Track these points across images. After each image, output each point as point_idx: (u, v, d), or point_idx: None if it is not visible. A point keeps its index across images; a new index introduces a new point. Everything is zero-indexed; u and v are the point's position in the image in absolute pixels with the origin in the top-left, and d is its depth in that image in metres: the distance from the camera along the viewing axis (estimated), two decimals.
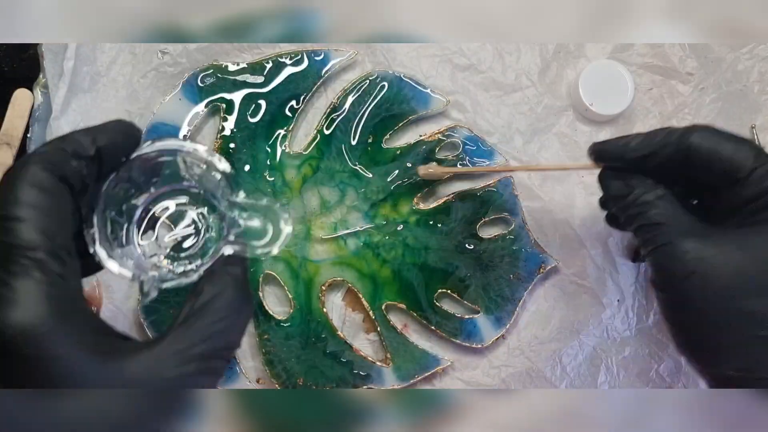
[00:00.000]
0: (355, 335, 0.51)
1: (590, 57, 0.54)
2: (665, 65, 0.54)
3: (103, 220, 0.33)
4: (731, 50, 0.55)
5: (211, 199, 0.36)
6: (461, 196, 0.51)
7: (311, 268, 0.50)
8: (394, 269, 0.50)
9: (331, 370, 0.49)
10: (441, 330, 0.50)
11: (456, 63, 0.53)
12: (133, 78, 0.51)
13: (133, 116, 0.50)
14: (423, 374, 0.49)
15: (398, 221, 0.51)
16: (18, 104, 0.47)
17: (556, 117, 0.53)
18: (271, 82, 0.51)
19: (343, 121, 0.51)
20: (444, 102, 0.52)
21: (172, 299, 0.49)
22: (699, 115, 0.54)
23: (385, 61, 0.53)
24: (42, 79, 0.48)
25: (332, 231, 0.51)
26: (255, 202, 0.34)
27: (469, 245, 0.51)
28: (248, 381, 0.50)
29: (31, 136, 0.48)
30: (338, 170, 0.51)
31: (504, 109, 0.53)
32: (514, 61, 0.54)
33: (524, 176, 0.52)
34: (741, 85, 0.55)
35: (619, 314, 0.52)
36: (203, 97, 0.51)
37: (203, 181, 0.35)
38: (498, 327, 0.50)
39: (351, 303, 0.51)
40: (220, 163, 0.34)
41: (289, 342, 0.49)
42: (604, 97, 0.52)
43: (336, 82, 0.53)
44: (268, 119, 0.51)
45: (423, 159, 0.51)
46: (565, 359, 0.51)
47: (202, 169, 0.35)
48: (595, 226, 0.52)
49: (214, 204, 0.36)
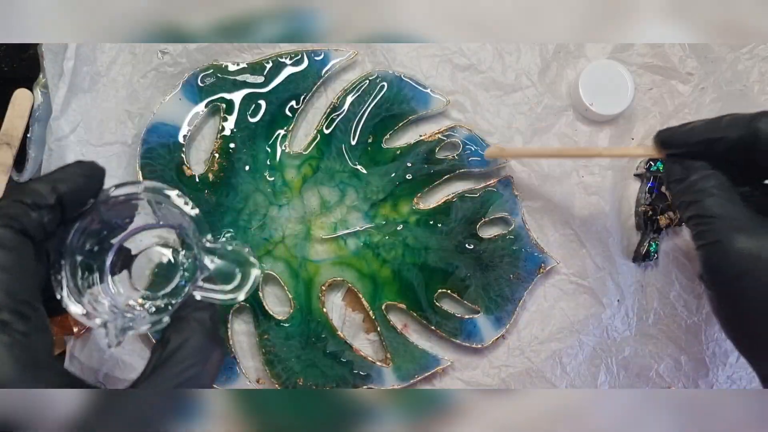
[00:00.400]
0: (355, 335, 0.51)
1: (590, 57, 0.54)
2: (665, 65, 0.54)
3: (72, 263, 0.32)
4: (731, 50, 0.55)
5: (186, 238, 0.35)
6: (461, 196, 0.51)
7: (311, 268, 0.50)
8: (394, 269, 0.50)
9: (331, 370, 0.49)
10: (441, 330, 0.50)
11: (456, 63, 0.53)
12: (133, 78, 0.51)
13: (133, 116, 0.50)
14: (423, 374, 0.49)
15: (398, 221, 0.51)
16: (18, 104, 0.47)
17: (556, 117, 0.53)
18: (271, 82, 0.51)
19: (343, 121, 0.51)
20: (444, 102, 0.52)
21: None
22: (699, 115, 0.54)
23: (385, 61, 0.53)
24: (42, 79, 0.48)
25: (332, 231, 0.51)
26: (222, 246, 0.33)
27: (469, 245, 0.51)
28: (248, 381, 0.50)
29: (31, 136, 0.48)
30: (338, 170, 0.51)
31: (504, 109, 0.53)
32: (514, 61, 0.54)
33: (524, 176, 0.52)
34: (741, 85, 0.55)
35: (619, 314, 0.52)
36: (203, 97, 0.51)
37: (175, 220, 0.35)
38: (498, 327, 0.50)
39: (351, 303, 0.51)
40: (187, 207, 0.33)
41: (289, 342, 0.49)
42: (604, 97, 0.52)
43: (336, 82, 0.53)
44: (268, 119, 0.51)
45: (423, 159, 0.51)
46: (565, 359, 0.51)
47: (173, 210, 0.34)
48: (595, 226, 0.52)
49: (189, 243, 0.35)
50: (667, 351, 0.52)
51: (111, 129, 0.50)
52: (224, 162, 0.50)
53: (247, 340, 0.51)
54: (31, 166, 0.48)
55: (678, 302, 0.53)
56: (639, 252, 0.53)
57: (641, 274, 0.53)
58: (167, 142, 0.50)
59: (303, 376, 0.49)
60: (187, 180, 0.50)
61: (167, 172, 0.50)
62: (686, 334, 0.52)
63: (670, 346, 0.52)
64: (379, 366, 0.49)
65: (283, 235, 0.50)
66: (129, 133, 0.50)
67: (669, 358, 0.52)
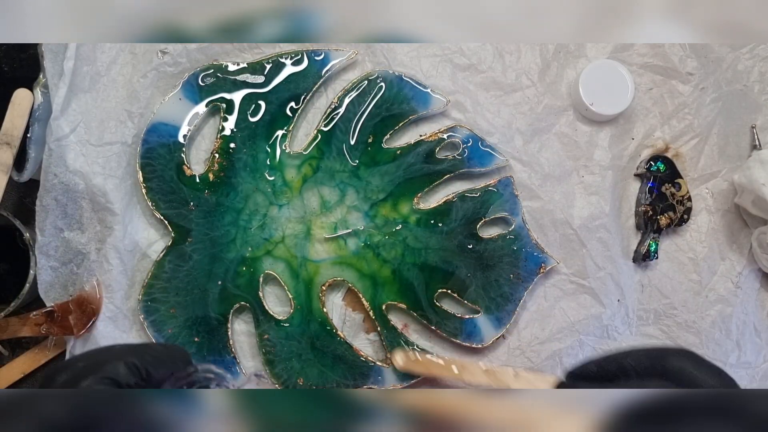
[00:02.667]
0: (355, 335, 0.51)
1: (590, 57, 0.54)
2: (665, 65, 0.54)
3: None
4: (731, 50, 0.55)
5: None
6: (461, 196, 0.51)
7: (311, 268, 0.50)
8: (394, 269, 0.50)
9: (331, 370, 0.49)
10: (441, 330, 0.50)
11: (456, 63, 0.53)
12: (133, 78, 0.51)
13: (133, 116, 0.50)
14: (423, 374, 0.49)
15: (398, 221, 0.51)
16: (18, 104, 0.47)
17: (556, 117, 0.53)
18: (271, 82, 0.51)
19: (344, 120, 0.51)
20: (444, 102, 0.52)
21: (172, 299, 0.49)
22: (699, 114, 0.54)
23: (385, 61, 0.53)
24: (42, 79, 0.48)
25: (332, 231, 0.51)
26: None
27: (469, 245, 0.51)
28: (248, 380, 0.50)
29: (31, 136, 0.48)
30: (338, 170, 0.51)
31: (504, 109, 0.53)
32: (514, 61, 0.54)
33: (524, 176, 0.52)
34: (741, 85, 0.55)
35: (619, 314, 0.52)
36: (203, 97, 0.51)
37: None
38: (498, 327, 0.50)
39: (351, 303, 0.51)
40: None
41: (289, 342, 0.49)
42: (604, 96, 0.52)
43: (336, 82, 0.53)
44: (268, 119, 0.51)
45: (423, 159, 0.51)
46: (566, 359, 0.51)
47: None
48: (595, 226, 0.52)
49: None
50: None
51: (111, 129, 0.50)
52: (224, 162, 0.50)
53: (247, 340, 0.51)
54: (31, 166, 0.48)
55: (678, 302, 0.53)
56: (639, 252, 0.53)
57: (641, 274, 0.53)
58: (167, 142, 0.50)
59: (303, 376, 0.49)
60: (187, 180, 0.50)
61: (167, 172, 0.50)
62: (686, 334, 0.52)
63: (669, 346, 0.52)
64: (379, 366, 0.49)
65: (283, 235, 0.50)
66: (129, 133, 0.50)
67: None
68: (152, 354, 0.34)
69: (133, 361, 0.32)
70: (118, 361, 0.32)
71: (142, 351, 0.34)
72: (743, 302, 0.53)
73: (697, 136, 0.54)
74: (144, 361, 0.33)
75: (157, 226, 0.51)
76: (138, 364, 0.33)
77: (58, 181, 0.48)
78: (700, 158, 0.54)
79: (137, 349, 0.34)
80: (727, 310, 0.53)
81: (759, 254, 0.52)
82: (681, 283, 0.53)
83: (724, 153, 0.54)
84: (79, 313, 0.48)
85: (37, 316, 0.48)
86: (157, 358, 0.34)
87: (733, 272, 0.54)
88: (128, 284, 0.50)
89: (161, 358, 0.34)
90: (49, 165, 0.48)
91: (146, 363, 0.33)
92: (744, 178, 0.51)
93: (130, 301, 0.50)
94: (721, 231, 0.54)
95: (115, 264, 0.49)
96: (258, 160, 0.51)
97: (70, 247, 0.49)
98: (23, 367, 0.52)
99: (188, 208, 0.50)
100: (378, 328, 0.50)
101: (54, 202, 0.48)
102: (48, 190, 0.48)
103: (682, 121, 0.54)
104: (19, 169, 0.48)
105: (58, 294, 0.49)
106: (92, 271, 0.49)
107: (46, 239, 0.48)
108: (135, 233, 0.50)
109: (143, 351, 0.34)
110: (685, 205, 0.53)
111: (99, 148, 0.50)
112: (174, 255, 0.49)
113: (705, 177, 0.54)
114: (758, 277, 0.54)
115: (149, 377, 0.33)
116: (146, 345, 0.36)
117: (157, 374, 0.34)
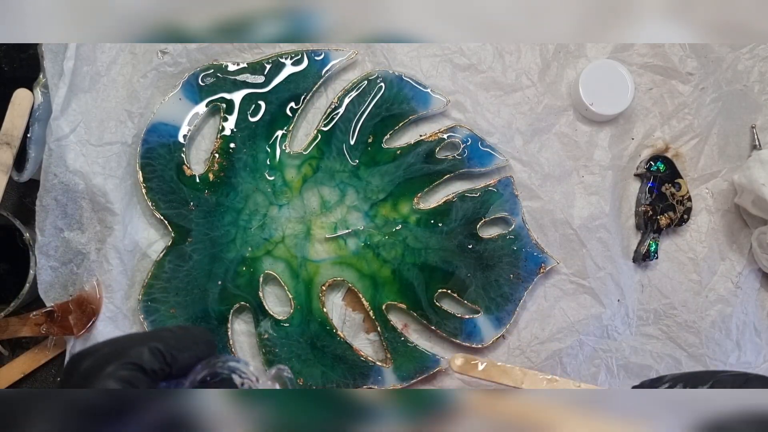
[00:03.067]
0: (355, 335, 0.51)
1: (590, 57, 0.54)
2: (665, 65, 0.54)
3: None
4: (731, 50, 0.55)
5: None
6: (461, 196, 0.51)
7: (311, 268, 0.50)
8: (394, 269, 0.50)
9: (332, 370, 0.49)
10: (441, 330, 0.50)
11: (456, 63, 0.53)
12: (133, 78, 0.51)
13: (133, 116, 0.50)
14: (423, 374, 0.49)
15: (398, 221, 0.51)
16: (18, 104, 0.47)
17: (556, 117, 0.53)
18: (271, 82, 0.51)
19: (343, 120, 0.51)
20: (444, 102, 0.52)
21: (172, 299, 0.49)
22: (699, 114, 0.54)
23: (385, 61, 0.53)
24: (42, 79, 0.48)
25: (332, 231, 0.51)
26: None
27: (469, 245, 0.51)
28: None
29: (31, 136, 0.48)
30: (338, 170, 0.51)
31: (504, 109, 0.53)
32: (514, 61, 0.54)
33: (524, 176, 0.52)
34: (741, 85, 0.55)
35: (619, 314, 0.52)
36: (203, 97, 0.51)
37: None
38: (498, 327, 0.50)
39: (351, 303, 0.51)
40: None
41: (289, 342, 0.49)
42: (604, 96, 0.52)
43: (336, 82, 0.53)
44: (268, 119, 0.51)
45: (423, 159, 0.51)
46: (566, 359, 0.51)
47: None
48: (595, 226, 0.52)
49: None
50: (667, 351, 0.52)
51: (111, 129, 0.50)
52: (224, 162, 0.50)
53: (247, 340, 0.51)
54: (31, 166, 0.48)
55: (678, 302, 0.53)
56: (639, 252, 0.53)
57: (641, 274, 0.53)
58: (167, 142, 0.50)
59: (303, 376, 0.49)
60: (187, 180, 0.50)
61: (167, 172, 0.50)
62: (686, 334, 0.52)
63: (670, 346, 0.52)
64: (379, 366, 0.49)
65: (283, 235, 0.50)
66: (129, 133, 0.50)
67: (669, 358, 0.52)
68: (175, 338, 0.34)
69: (157, 346, 0.32)
70: (141, 346, 0.32)
71: (166, 336, 0.34)
72: (743, 302, 0.53)
73: (697, 136, 0.54)
74: (168, 345, 0.33)
75: (157, 226, 0.51)
76: (162, 348, 0.32)
77: (58, 181, 0.48)
78: (700, 158, 0.54)
79: (161, 334, 0.34)
80: (727, 310, 0.53)
81: (759, 254, 0.52)
82: (681, 283, 0.53)
83: (724, 153, 0.54)
84: (79, 313, 0.48)
85: (37, 316, 0.48)
86: (181, 342, 0.34)
87: (733, 272, 0.54)
88: (128, 284, 0.50)
89: (185, 343, 0.34)
90: (49, 165, 0.48)
91: (170, 347, 0.33)
92: (744, 178, 0.51)
93: (130, 301, 0.50)
94: (721, 231, 0.54)
95: (115, 264, 0.49)
96: (258, 160, 0.51)
97: (70, 247, 0.49)
98: (23, 367, 0.52)
99: (188, 208, 0.50)
100: (378, 328, 0.50)
101: (54, 202, 0.48)
102: (48, 190, 0.48)
103: (682, 121, 0.54)
104: (19, 169, 0.48)
105: (58, 294, 0.49)
106: (92, 271, 0.49)
107: (46, 239, 0.48)
108: (135, 233, 0.50)
109: (167, 336, 0.34)
110: (685, 205, 0.53)
111: (99, 148, 0.50)
112: (174, 255, 0.49)
113: (705, 177, 0.54)
114: (758, 277, 0.54)
115: (174, 361, 0.33)
116: (169, 329, 0.35)
117: (182, 357, 0.33)
